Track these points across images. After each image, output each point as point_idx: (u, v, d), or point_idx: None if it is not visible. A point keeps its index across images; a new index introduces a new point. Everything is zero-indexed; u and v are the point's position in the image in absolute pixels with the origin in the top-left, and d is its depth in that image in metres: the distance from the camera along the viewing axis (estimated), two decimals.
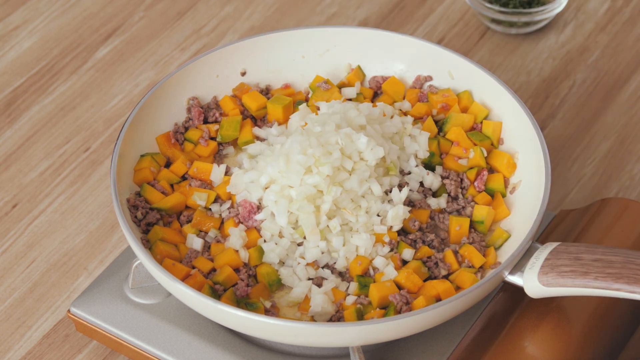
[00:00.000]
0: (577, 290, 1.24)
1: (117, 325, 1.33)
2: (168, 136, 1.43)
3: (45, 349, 1.41)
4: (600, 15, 1.81)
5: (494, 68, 1.73)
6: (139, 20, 1.82)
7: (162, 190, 1.37)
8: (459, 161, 1.40)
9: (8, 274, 1.49)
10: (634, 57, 1.75)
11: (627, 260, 1.23)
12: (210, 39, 1.79)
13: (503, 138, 1.42)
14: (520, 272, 1.27)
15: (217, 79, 1.48)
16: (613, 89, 1.70)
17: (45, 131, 1.66)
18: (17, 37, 1.80)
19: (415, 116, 1.45)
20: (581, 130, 1.65)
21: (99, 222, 1.54)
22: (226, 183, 1.38)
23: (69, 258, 1.50)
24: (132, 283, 1.35)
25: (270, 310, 1.29)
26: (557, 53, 1.75)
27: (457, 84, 1.47)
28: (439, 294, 1.28)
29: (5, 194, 1.58)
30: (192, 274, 1.29)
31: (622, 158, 1.61)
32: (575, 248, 1.26)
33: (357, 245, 1.31)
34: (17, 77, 1.74)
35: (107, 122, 1.67)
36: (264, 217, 1.33)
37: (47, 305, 1.45)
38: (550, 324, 1.30)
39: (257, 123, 1.47)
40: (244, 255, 1.32)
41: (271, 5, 1.85)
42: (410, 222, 1.34)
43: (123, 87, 1.72)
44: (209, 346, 1.31)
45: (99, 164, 1.62)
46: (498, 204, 1.37)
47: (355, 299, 1.28)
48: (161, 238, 1.32)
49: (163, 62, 1.76)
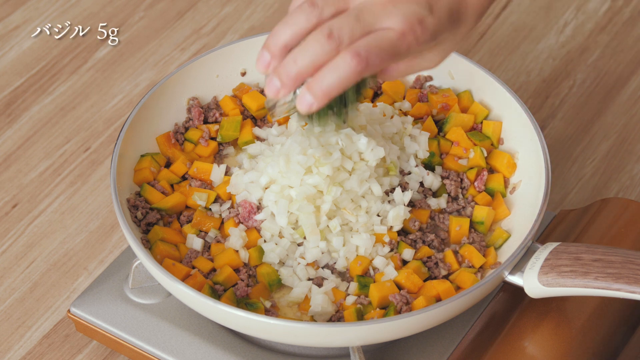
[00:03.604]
0: (577, 290, 1.24)
1: (117, 325, 1.33)
2: (168, 136, 1.43)
3: (45, 349, 1.41)
4: (600, 15, 1.81)
5: (494, 68, 1.73)
6: (139, 20, 1.82)
7: (162, 190, 1.37)
8: (459, 161, 1.40)
9: (8, 274, 1.49)
10: (634, 57, 1.75)
11: (627, 260, 1.23)
12: (210, 39, 1.79)
13: (503, 138, 1.42)
14: (520, 272, 1.27)
15: (217, 79, 1.48)
16: (613, 89, 1.70)
17: (45, 131, 1.66)
18: (17, 37, 1.80)
19: (415, 116, 1.45)
20: (581, 130, 1.65)
21: (99, 222, 1.54)
22: (226, 183, 1.38)
23: (69, 258, 1.50)
24: (132, 283, 1.35)
25: (270, 310, 1.29)
26: (557, 53, 1.75)
27: (457, 84, 1.47)
28: (439, 294, 1.28)
29: (5, 194, 1.58)
30: (192, 274, 1.29)
31: (622, 158, 1.61)
32: (576, 248, 1.26)
33: (357, 245, 1.31)
34: (17, 77, 1.74)
35: (107, 122, 1.67)
36: (264, 217, 1.33)
37: (47, 305, 1.45)
38: (550, 324, 1.30)
39: (257, 123, 1.47)
40: (244, 256, 1.32)
41: (271, 5, 1.85)
42: (411, 222, 1.34)
43: (123, 87, 1.72)
44: (209, 346, 1.31)
45: (99, 164, 1.62)
46: (498, 204, 1.37)
47: (355, 299, 1.28)
48: (161, 238, 1.32)
49: (163, 62, 1.76)
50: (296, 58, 1.10)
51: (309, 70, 1.10)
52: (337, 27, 1.09)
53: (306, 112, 1.12)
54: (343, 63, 1.09)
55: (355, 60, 1.09)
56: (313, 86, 1.10)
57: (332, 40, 1.09)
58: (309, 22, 1.11)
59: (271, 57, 1.12)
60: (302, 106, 1.12)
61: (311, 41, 1.10)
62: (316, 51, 1.09)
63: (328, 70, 1.10)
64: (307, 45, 1.10)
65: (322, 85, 1.10)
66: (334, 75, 1.10)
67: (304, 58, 1.10)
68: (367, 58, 1.09)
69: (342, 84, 1.10)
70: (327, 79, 1.10)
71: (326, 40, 1.09)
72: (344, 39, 1.09)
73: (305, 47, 1.10)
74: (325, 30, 1.09)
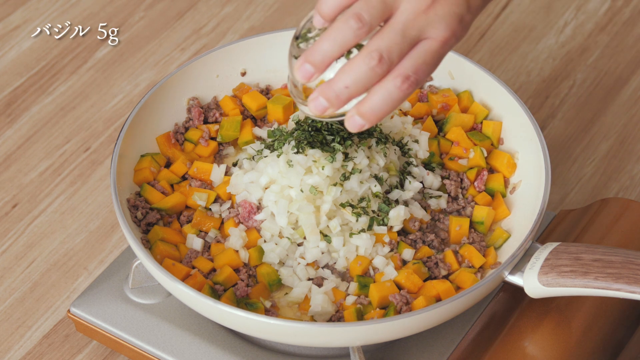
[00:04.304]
0: (577, 290, 1.24)
1: (117, 325, 1.33)
2: (168, 136, 1.43)
3: (45, 349, 1.41)
4: (600, 15, 1.81)
5: (494, 68, 1.73)
6: (139, 20, 1.82)
7: (162, 190, 1.37)
8: (459, 161, 1.40)
9: (8, 274, 1.49)
10: (634, 57, 1.75)
11: (627, 260, 1.23)
12: (210, 39, 1.79)
13: (503, 138, 1.42)
14: (520, 272, 1.27)
15: (217, 79, 1.48)
16: (613, 89, 1.70)
17: (45, 131, 1.66)
18: (17, 37, 1.80)
19: (415, 116, 1.45)
20: (581, 130, 1.65)
21: (99, 222, 1.54)
22: (226, 183, 1.38)
23: (69, 258, 1.50)
24: (132, 283, 1.35)
25: (270, 310, 1.29)
26: (557, 53, 1.75)
27: (457, 84, 1.47)
28: (439, 294, 1.28)
29: (5, 194, 1.58)
30: (192, 274, 1.29)
31: (622, 158, 1.61)
32: (575, 248, 1.26)
33: (357, 245, 1.31)
34: (17, 77, 1.74)
35: (107, 122, 1.67)
36: (264, 217, 1.33)
37: (47, 305, 1.45)
38: (550, 324, 1.30)
39: (257, 123, 1.47)
40: (244, 256, 1.32)
41: (271, 5, 1.85)
42: (411, 222, 1.34)
43: (123, 87, 1.72)
44: (209, 346, 1.31)
45: (99, 164, 1.62)
46: (498, 204, 1.37)
47: (355, 299, 1.28)
48: (161, 238, 1.32)
49: (163, 62, 1.76)
50: (346, 82, 1.11)
51: (359, 93, 1.12)
52: (386, 50, 1.10)
53: (356, 132, 1.14)
54: (394, 87, 1.11)
55: (405, 84, 1.11)
56: (364, 110, 1.12)
57: (383, 64, 1.10)
58: (357, 38, 1.11)
59: (315, 71, 1.13)
60: (352, 127, 1.14)
61: (361, 65, 1.11)
62: (367, 75, 1.11)
63: (378, 93, 1.12)
64: (358, 69, 1.11)
65: (373, 108, 1.12)
66: (385, 98, 1.11)
67: (355, 82, 1.11)
68: (417, 80, 1.11)
69: (392, 107, 1.12)
70: (378, 102, 1.12)
71: (377, 65, 1.10)
72: (394, 60, 1.11)
73: (356, 70, 1.11)
74: (375, 54, 1.10)
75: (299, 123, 1.35)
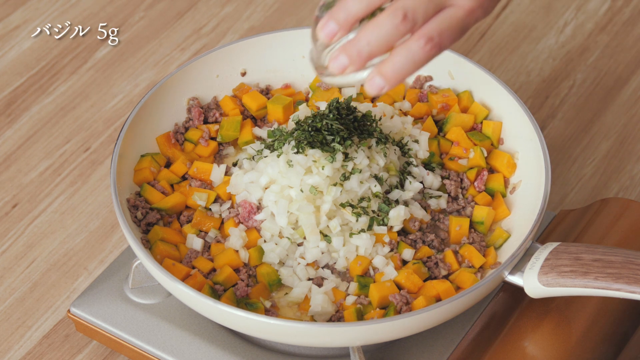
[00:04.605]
0: (577, 290, 1.24)
1: (117, 325, 1.33)
2: (168, 136, 1.43)
3: (45, 349, 1.41)
4: (600, 15, 1.81)
5: (494, 68, 1.73)
6: (139, 20, 1.82)
7: (162, 190, 1.37)
8: (459, 161, 1.40)
9: (8, 274, 1.49)
10: (634, 57, 1.75)
11: (627, 260, 1.23)
12: (210, 39, 1.79)
13: (503, 138, 1.42)
14: (520, 272, 1.27)
15: (217, 79, 1.48)
16: (613, 89, 1.70)
17: (45, 131, 1.66)
18: (17, 37, 1.80)
19: (415, 116, 1.45)
20: (581, 130, 1.65)
21: (99, 222, 1.54)
22: (226, 183, 1.38)
23: (69, 258, 1.50)
24: (132, 283, 1.35)
25: (270, 310, 1.29)
26: (557, 53, 1.75)
27: (457, 84, 1.47)
28: (439, 294, 1.28)
29: (5, 194, 1.58)
30: (192, 274, 1.29)
31: (622, 158, 1.61)
32: (575, 248, 1.26)
33: (357, 245, 1.31)
34: (17, 77, 1.74)
35: (107, 122, 1.67)
36: (264, 217, 1.33)
37: (47, 305, 1.45)
38: (550, 324, 1.30)
39: (257, 123, 1.47)
40: (244, 256, 1.32)
41: (271, 5, 1.85)
42: (411, 222, 1.34)
43: (123, 87, 1.72)
44: (209, 346, 1.31)
45: (99, 164, 1.62)
46: (498, 204, 1.37)
47: (355, 299, 1.28)
48: (161, 238, 1.32)
49: (163, 62, 1.76)
50: (369, 38, 1.09)
51: (381, 51, 1.09)
52: (411, 9, 1.08)
53: (376, 94, 1.11)
54: (417, 47, 1.09)
55: (429, 45, 1.08)
56: (385, 70, 1.10)
57: (407, 22, 1.08)
58: None
59: (339, 29, 1.11)
60: (372, 89, 1.11)
61: (385, 22, 1.08)
62: (390, 32, 1.08)
63: (401, 54, 1.09)
64: (381, 26, 1.08)
65: (394, 69, 1.09)
66: (407, 59, 1.09)
67: (378, 39, 1.08)
68: (440, 43, 1.09)
69: (414, 68, 1.09)
70: (400, 62, 1.09)
71: (401, 22, 1.08)
72: (418, 21, 1.08)
73: (379, 27, 1.08)
74: (400, 12, 1.08)
75: (299, 123, 1.35)
